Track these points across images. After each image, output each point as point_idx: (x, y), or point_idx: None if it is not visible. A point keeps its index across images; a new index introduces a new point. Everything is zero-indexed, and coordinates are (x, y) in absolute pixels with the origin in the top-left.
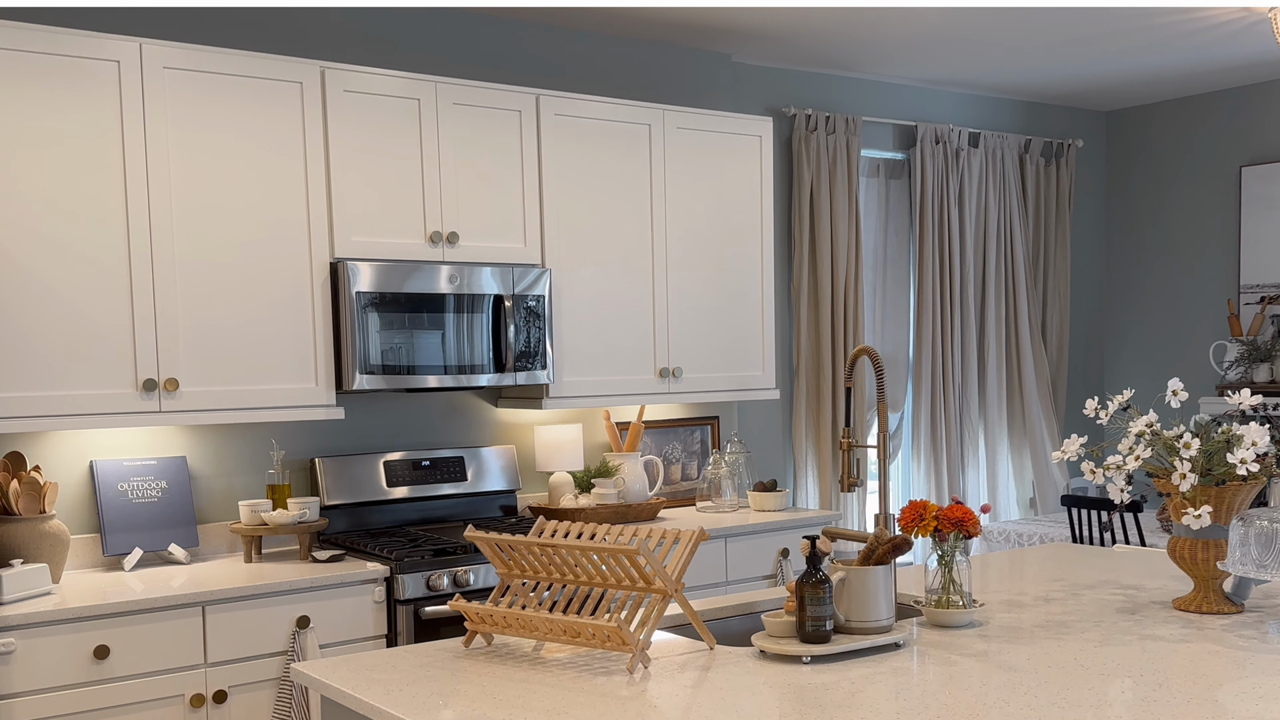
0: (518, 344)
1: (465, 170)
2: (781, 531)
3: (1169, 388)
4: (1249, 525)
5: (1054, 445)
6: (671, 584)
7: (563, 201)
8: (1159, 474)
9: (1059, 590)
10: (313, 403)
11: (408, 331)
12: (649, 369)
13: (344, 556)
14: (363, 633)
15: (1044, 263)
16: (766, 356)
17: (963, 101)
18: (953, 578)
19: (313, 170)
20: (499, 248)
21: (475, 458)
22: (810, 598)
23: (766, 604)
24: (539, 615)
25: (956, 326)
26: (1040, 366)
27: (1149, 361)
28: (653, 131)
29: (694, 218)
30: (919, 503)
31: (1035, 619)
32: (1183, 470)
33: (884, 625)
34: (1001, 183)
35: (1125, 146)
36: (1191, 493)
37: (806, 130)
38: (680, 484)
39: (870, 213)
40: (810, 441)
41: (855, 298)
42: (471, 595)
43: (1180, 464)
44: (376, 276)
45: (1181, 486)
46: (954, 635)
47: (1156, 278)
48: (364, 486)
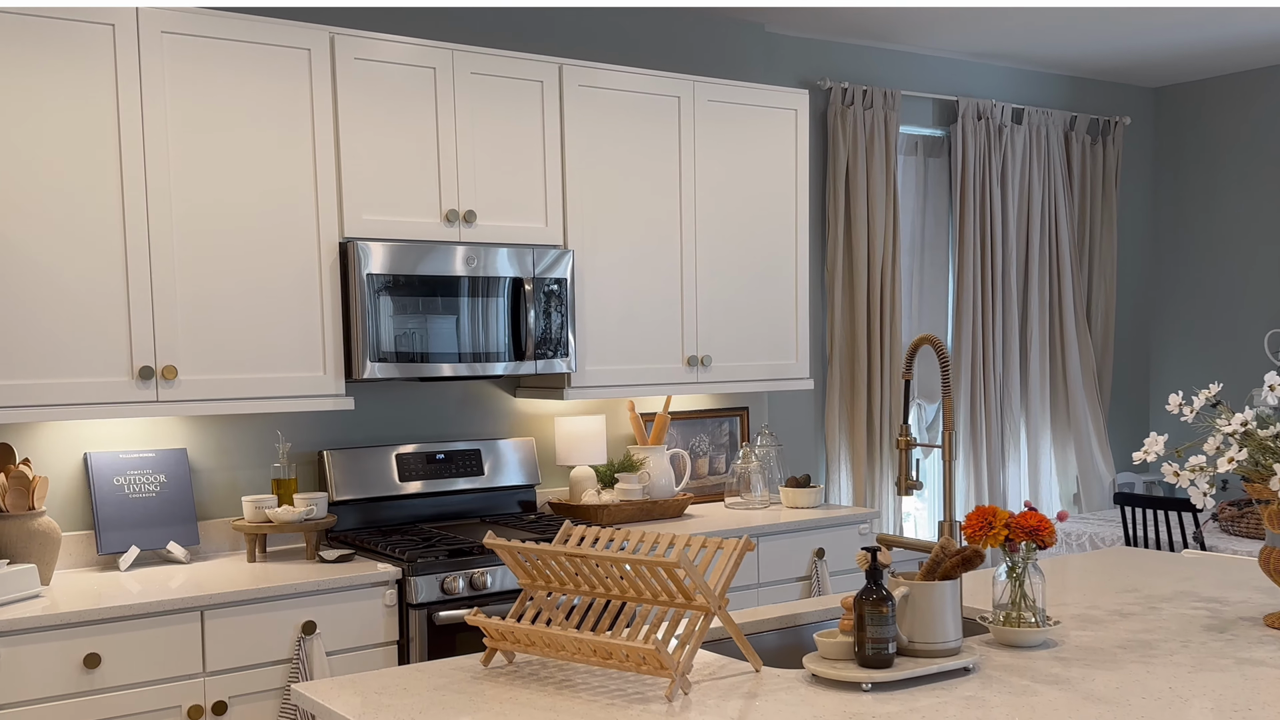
0: (538, 330)
1: (483, 145)
2: (816, 531)
3: (1266, 382)
4: None
5: (1099, 438)
6: (715, 600)
7: (586, 179)
8: (1252, 478)
9: (1134, 603)
10: (321, 392)
11: (422, 316)
12: (676, 357)
13: (353, 556)
14: (372, 639)
15: (1089, 246)
16: (800, 344)
17: (1006, 76)
18: (1024, 592)
19: (321, 144)
20: (518, 228)
21: (492, 451)
22: (871, 617)
23: (811, 616)
24: (566, 634)
25: (998, 313)
26: (1085, 355)
27: (1199, 351)
28: (682, 104)
29: (725, 196)
30: (987, 509)
31: (1115, 638)
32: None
33: (952, 647)
34: (1046, 161)
35: (1175, 124)
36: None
37: (843, 105)
38: (708, 479)
39: (908, 193)
40: (844, 434)
41: (893, 283)
42: (489, 599)
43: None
44: (389, 258)
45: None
46: (1027, 657)
47: (1207, 262)
48: (375, 481)
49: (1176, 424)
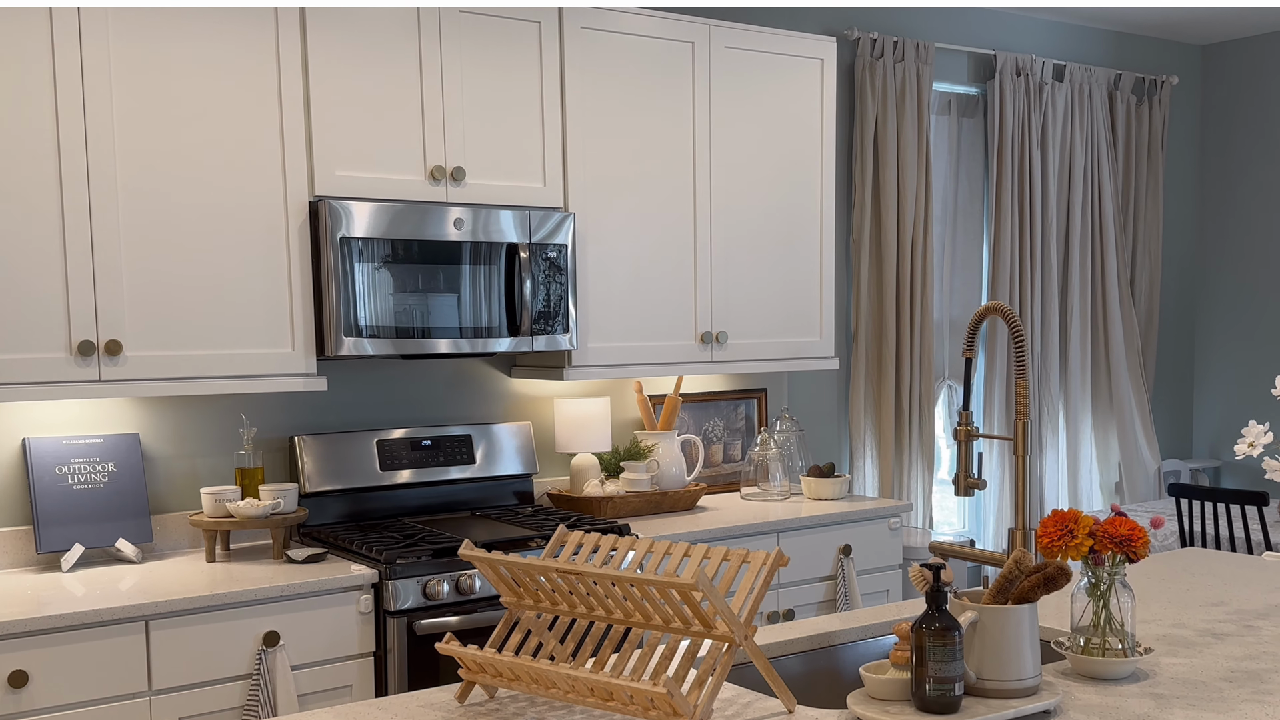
0: (535, 302)
1: (473, 93)
2: (842, 526)
3: None
4: None
5: (1144, 422)
6: (740, 628)
7: (589, 133)
8: None
9: (1225, 620)
10: (289, 370)
11: (404, 286)
12: (689, 333)
13: (324, 556)
14: (344, 650)
15: (1133, 215)
16: (825, 320)
17: (1047, 29)
18: (1110, 613)
19: (288, 91)
20: (514, 187)
21: (485, 436)
22: (935, 650)
23: (847, 635)
24: (558, 671)
25: (1037, 286)
26: (1130, 332)
27: (1247, 327)
28: (696, 51)
29: (743, 155)
30: (1067, 513)
31: (1214, 667)
32: None
33: (1030, 686)
34: (1090, 122)
35: (1223, 84)
36: None
37: (871, 57)
38: (722, 466)
39: (940, 156)
40: (870, 418)
41: (924, 253)
42: (478, 605)
43: None
44: (366, 219)
45: None
46: (1115, 694)
47: (1258, 232)
48: (353, 470)
49: (1225, 408)
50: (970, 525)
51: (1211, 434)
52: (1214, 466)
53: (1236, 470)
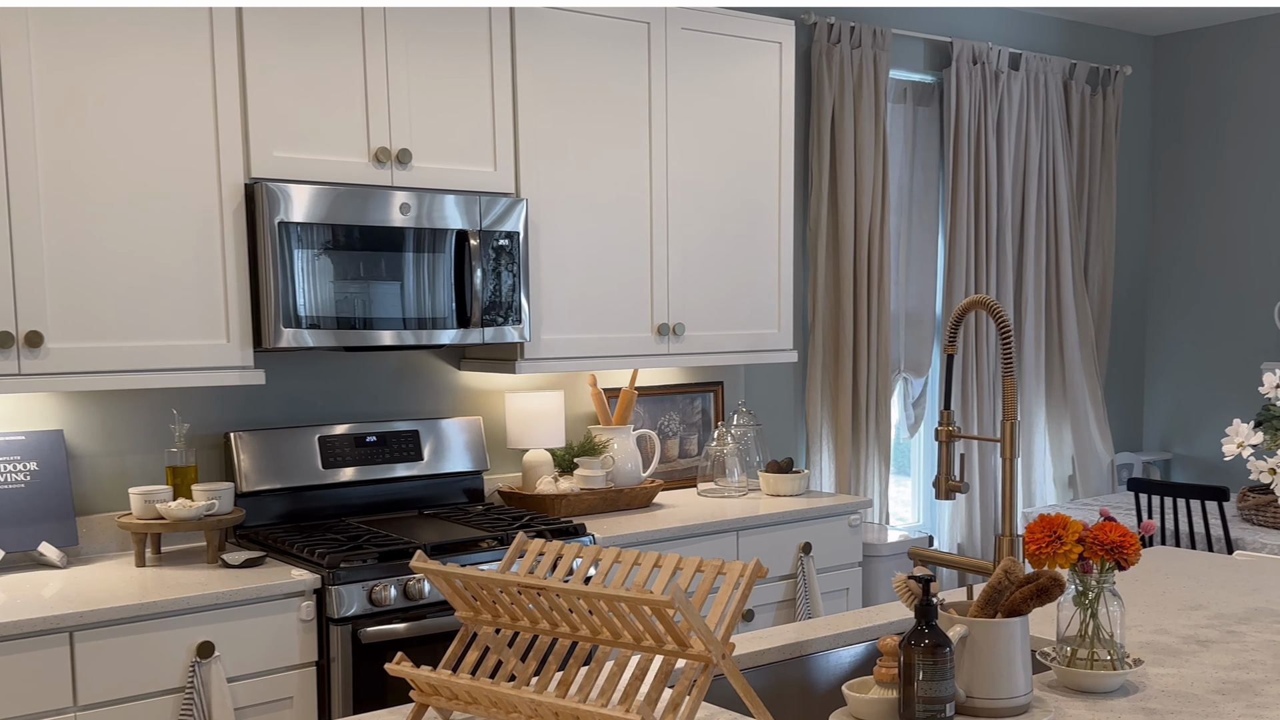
0: (485, 292)
1: (421, 72)
2: (802, 523)
3: None
4: None
5: (1097, 415)
6: (717, 647)
7: (543, 115)
8: None
9: (1207, 625)
10: (224, 363)
11: (347, 274)
12: (645, 325)
13: (263, 560)
14: (284, 660)
15: (1088, 204)
16: (783, 311)
17: (1002, 17)
18: (1099, 623)
19: (222, 67)
20: (462, 171)
21: (433, 432)
22: (926, 668)
23: (820, 644)
24: (521, 694)
25: (992, 277)
26: (1084, 324)
27: (1198, 318)
28: (652, 32)
29: (701, 141)
30: (1055, 518)
31: (1204, 678)
32: None
33: (1022, 704)
34: (1045, 112)
35: (1175, 75)
36: None
37: (828, 42)
38: (678, 462)
39: (896, 145)
40: (827, 412)
41: (881, 244)
42: (427, 611)
43: None
44: (306, 203)
45: None
46: (1106, 708)
47: (1210, 224)
48: (293, 468)
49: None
50: (925, 520)
51: (1163, 426)
52: (1165, 459)
53: (1186, 463)
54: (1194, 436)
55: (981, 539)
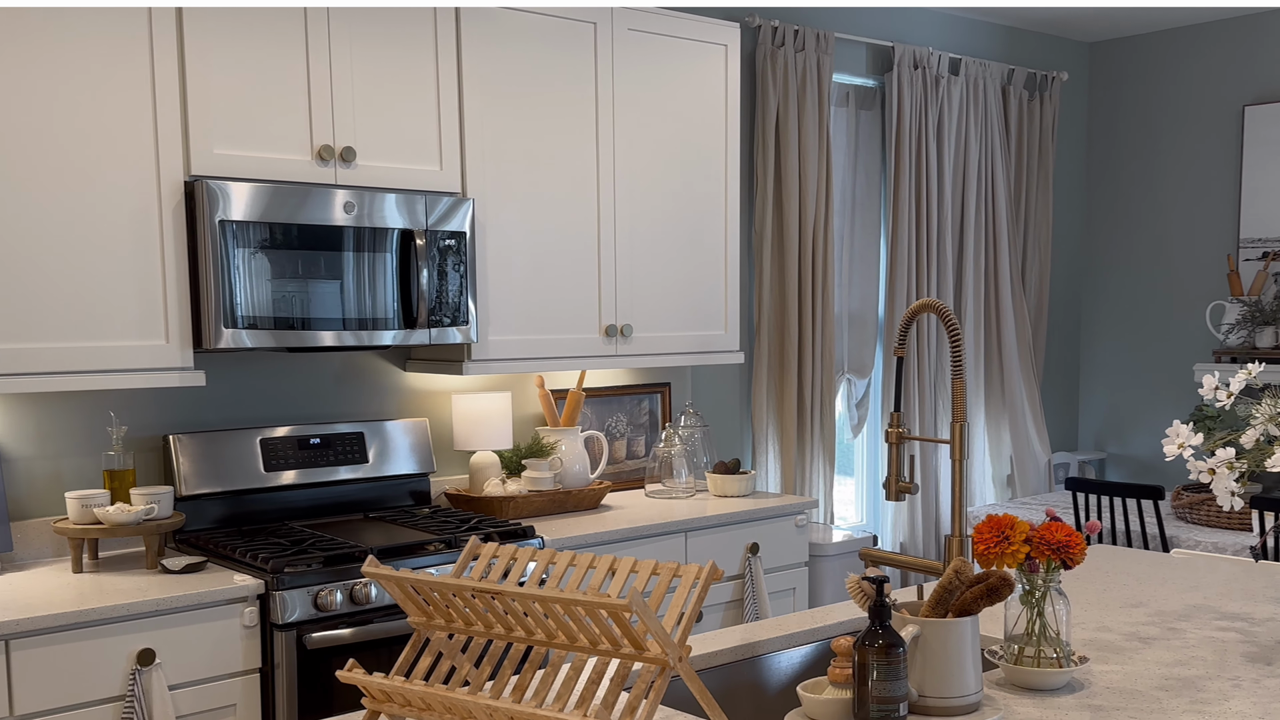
0: (431, 292)
1: (364, 69)
2: (749, 524)
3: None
4: None
5: (1033, 414)
6: (675, 649)
7: (489, 115)
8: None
9: (1148, 622)
10: (162, 365)
11: (290, 273)
12: (592, 326)
13: (204, 565)
14: (228, 668)
15: (1025, 208)
16: (729, 313)
17: (943, 22)
18: (1045, 621)
19: (161, 63)
20: (407, 170)
21: (378, 434)
22: (881, 669)
23: (772, 645)
24: (476, 700)
25: (933, 280)
26: (1021, 325)
27: (1130, 320)
28: (599, 33)
29: (648, 142)
30: (1002, 519)
31: (1147, 674)
32: None
33: (973, 702)
34: (984, 116)
35: (1110, 81)
36: None
37: (773, 45)
38: (625, 463)
39: (839, 148)
40: (772, 413)
41: (825, 246)
42: (374, 615)
43: None
44: (248, 201)
45: None
46: (1053, 706)
47: (1145, 229)
48: (235, 471)
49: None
50: (869, 520)
51: (1097, 426)
52: (1099, 459)
53: (1120, 462)
54: (1127, 436)
55: (923, 538)
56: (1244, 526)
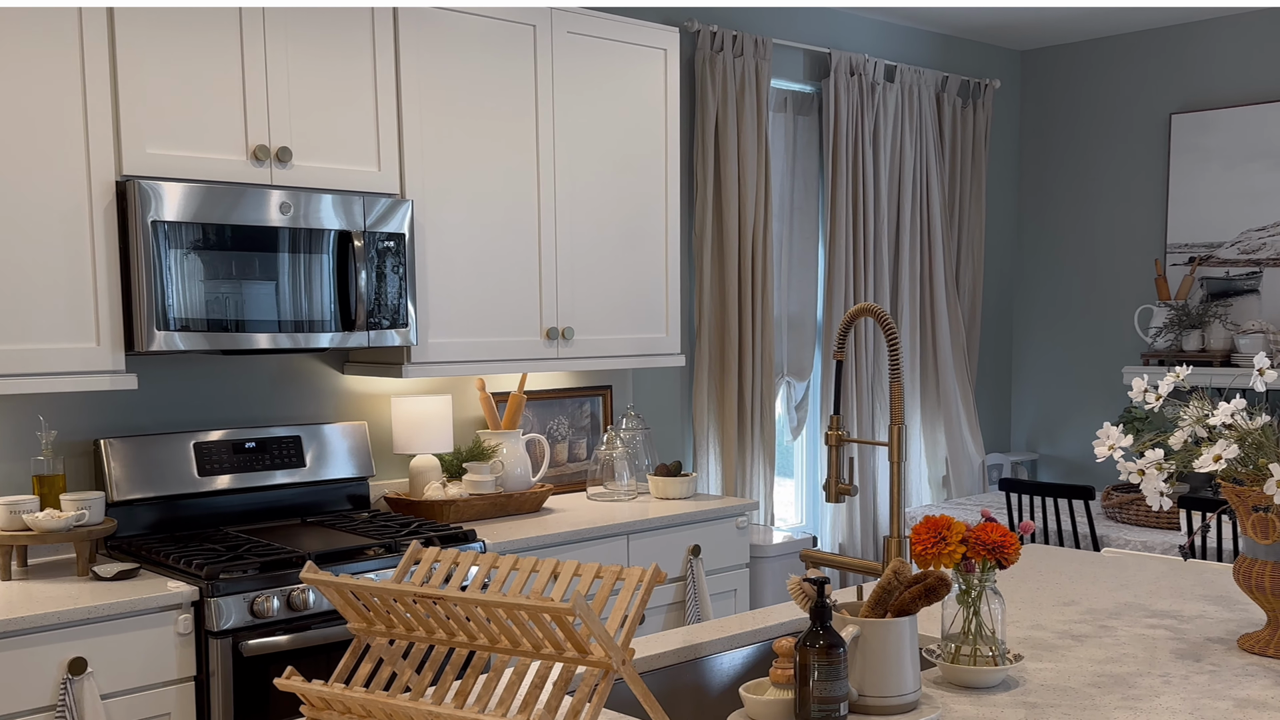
0: (370, 294)
1: (300, 69)
2: (691, 526)
3: (1255, 365)
4: None
5: (968, 416)
6: (618, 652)
7: (428, 116)
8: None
9: (1080, 620)
10: (93, 368)
11: (225, 275)
12: (533, 329)
13: (137, 572)
14: (162, 676)
15: (959, 213)
16: (670, 316)
17: (878, 30)
18: (981, 620)
19: (92, 60)
20: (345, 171)
21: (316, 437)
22: (822, 669)
23: (714, 646)
24: (418, 707)
25: (869, 284)
26: (955, 329)
27: (1063, 325)
28: (538, 35)
29: (588, 145)
30: (939, 520)
31: (1080, 671)
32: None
33: (911, 701)
34: (919, 123)
35: (1041, 89)
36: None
37: (712, 50)
38: (567, 466)
39: (777, 153)
40: (713, 415)
41: (764, 250)
42: (312, 622)
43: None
44: (180, 202)
45: (1279, 498)
46: (989, 703)
47: (1075, 234)
48: (168, 476)
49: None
50: (808, 521)
51: (1029, 427)
52: (1032, 459)
53: (1051, 463)
54: (1058, 437)
55: (861, 538)
56: (1173, 526)
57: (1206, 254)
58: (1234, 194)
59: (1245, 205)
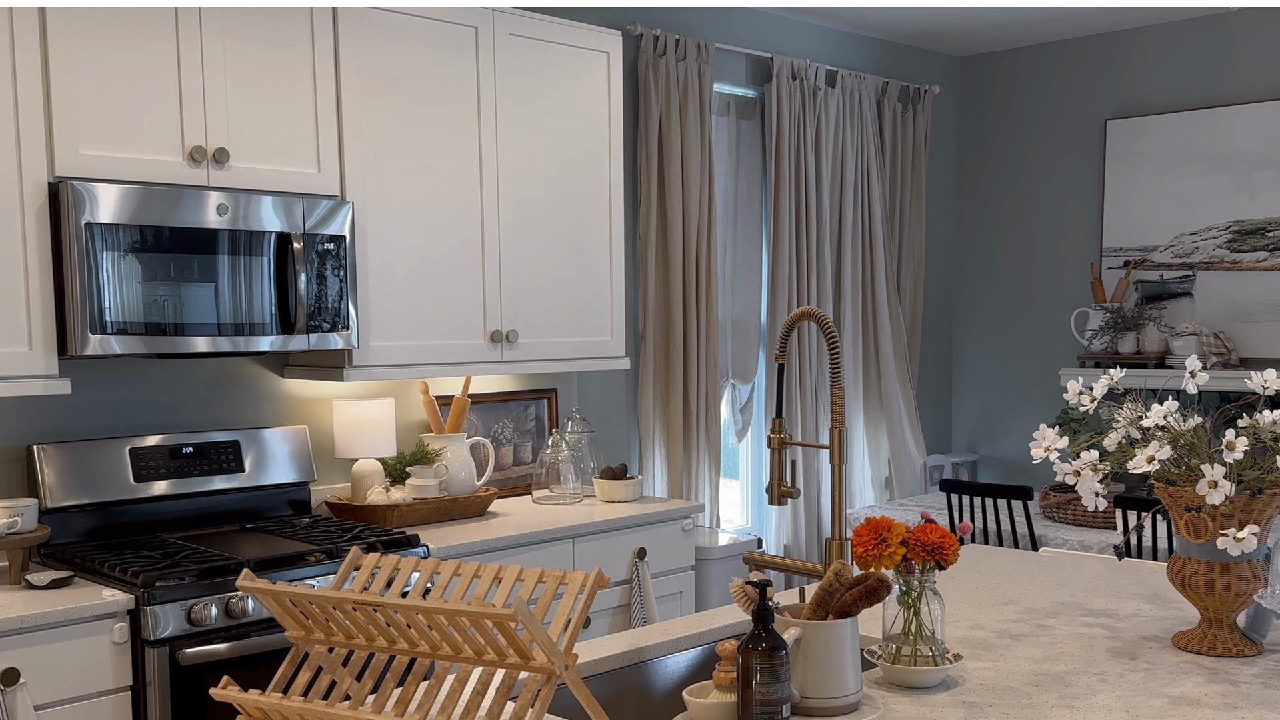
0: (310, 297)
1: (238, 70)
2: (636, 529)
3: (1187, 367)
4: None
5: (910, 418)
6: (561, 658)
7: (369, 118)
8: (1176, 480)
9: (1019, 619)
10: (25, 372)
11: (159, 278)
12: (477, 332)
13: (70, 580)
14: (97, 686)
15: (900, 218)
16: (615, 318)
17: (819, 36)
18: (921, 621)
19: (23, 62)
20: (284, 172)
21: (255, 442)
22: (765, 671)
23: (658, 651)
24: (357, 715)
25: (812, 287)
26: (897, 332)
27: (1001, 328)
28: (480, 37)
29: (532, 148)
30: (879, 522)
31: (1018, 670)
32: (1214, 477)
33: (852, 702)
34: (859, 128)
35: (979, 95)
36: (1228, 507)
37: (655, 54)
38: (512, 469)
39: (720, 157)
40: (658, 418)
41: (709, 253)
42: (249, 630)
43: (1212, 469)
44: (115, 203)
45: (1212, 498)
46: (929, 703)
47: (1013, 238)
48: (103, 482)
49: (981, 404)
50: (754, 523)
51: (969, 429)
52: (972, 460)
53: (991, 464)
54: (997, 438)
55: (806, 540)
56: (1109, 525)
57: (1141, 258)
58: (1167, 198)
59: (1179, 210)
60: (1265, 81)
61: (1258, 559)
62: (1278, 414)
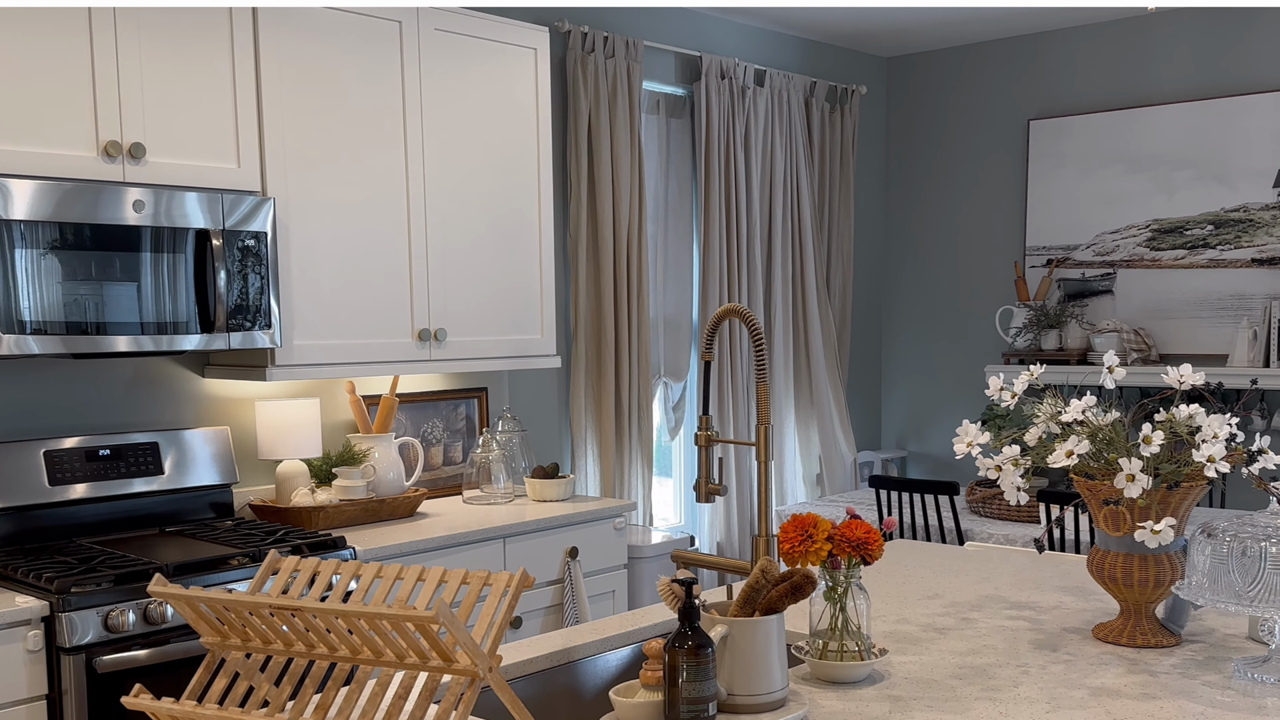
0: (230, 295)
1: (154, 64)
2: (568, 528)
3: (1105, 363)
4: (1219, 542)
5: (840, 415)
6: (484, 660)
7: (290, 113)
8: (1095, 474)
9: (943, 613)
10: None
11: (75, 276)
12: (405, 330)
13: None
14: (10, 695)
15: (829, 217)
16: (546, 317)
17: (748, 35)
18: (847, 616)
19: None
20: (203, 168)
21: (175, 443)
22: (690, 670)
23: (587, 650)
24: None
25: (743, 285)
26: (827, 330)
27: (929, 326)
28: (404, 31)
29: (459, 144)
30: (806, 518)
31: (943, 664)
32: (1132, 470)
33: (779, 699)
34: (788, 127)
35: (906, 95)
36: (1145, 500)
37: (583, 51)
38: (442, 469)
39: (650, 155)
40: (590, 417)
41: (639, 251)
42: (169, 636)
43: (1129, 463)
44: (29, 200)
45: (1129, 491)
46: (855, 697)
47: (939, 237)
48: (16, 486)
49: (909, 401)
50: (687, 521)
51: (898, 426)
52: (901, 456)
53: (920, 460)
54: (925, 434)
55: (739, 537)
56: (1033, 519)
57: (1063, 256)
58: (1089, 198)
59: (1100, 209)
60: (1183, 83)
61: (1175, 551)
62: (1193, 408)
